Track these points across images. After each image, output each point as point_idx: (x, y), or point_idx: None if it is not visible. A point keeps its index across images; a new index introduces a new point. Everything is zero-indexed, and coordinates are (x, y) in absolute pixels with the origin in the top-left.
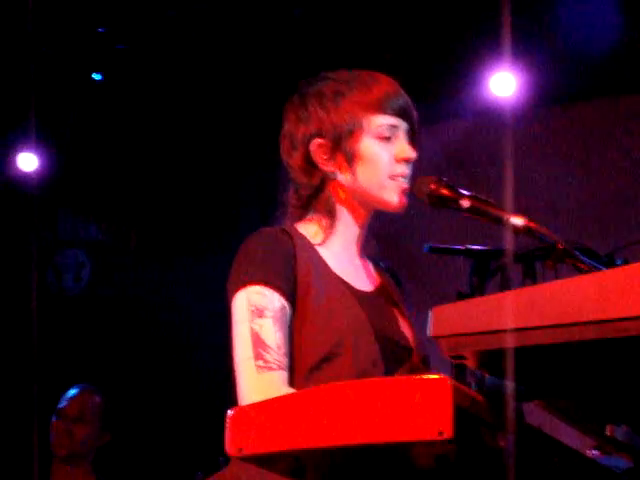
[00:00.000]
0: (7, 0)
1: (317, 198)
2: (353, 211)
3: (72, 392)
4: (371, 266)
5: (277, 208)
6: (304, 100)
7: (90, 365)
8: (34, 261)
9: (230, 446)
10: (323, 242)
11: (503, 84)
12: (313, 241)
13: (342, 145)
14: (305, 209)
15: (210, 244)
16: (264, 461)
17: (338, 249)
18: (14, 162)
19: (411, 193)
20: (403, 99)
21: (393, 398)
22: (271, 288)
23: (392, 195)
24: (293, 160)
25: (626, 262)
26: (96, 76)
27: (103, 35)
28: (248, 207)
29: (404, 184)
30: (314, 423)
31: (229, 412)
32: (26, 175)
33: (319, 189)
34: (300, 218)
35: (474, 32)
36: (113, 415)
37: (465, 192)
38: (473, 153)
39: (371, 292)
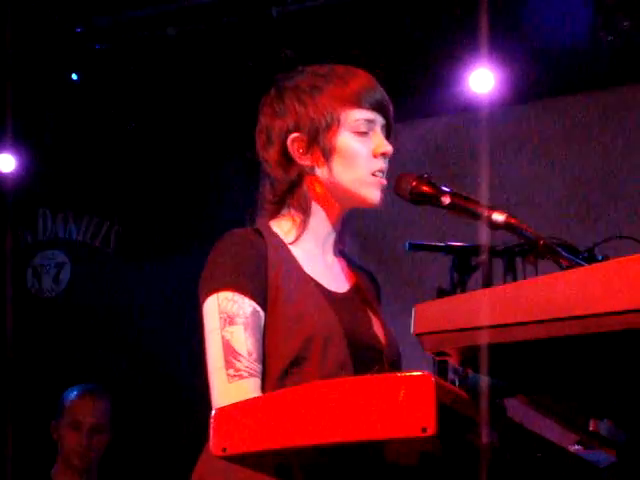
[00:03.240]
0: None
1: (293, 193)
2: (328, 207)
3: (80, 397)
4: (345, 263)
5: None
6: (281, 94)
7: (68, 367)
8: (10, 262)
9: (214, 446)
10: (296, 240)
11: (482, 80)
12: (286, 239)
13: (319, 139)
14: (280, 205)
15: (190, 245)
16: (248, 460)
17: (311, 247)
18: None
19: (391, 190)
20: (380, 93)
21: (376, 395)
22: (242, 293)
23: (372, 191)
24: (269, 154)
25: (606, 258)
26: (74, 76)
27: (81, 35)
28: (230, 207)
29: (383, 180)
30: (298, 421)
31: (212, 412)
32: (4, 176)
33: (295, 184)
34: (274, 215)
35: (452, 29)
36: None
37: (446, 189)
38: (453, 149)
39: (344, 293)
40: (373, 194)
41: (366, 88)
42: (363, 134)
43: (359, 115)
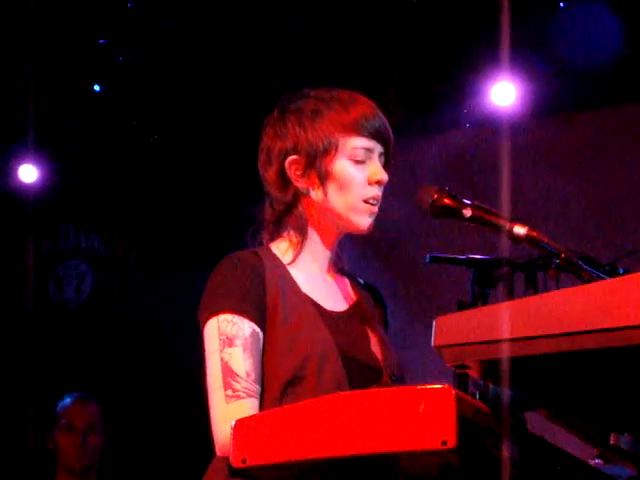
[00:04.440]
0: (7, 10)
1: (290, 214)
2: (324, 229)
3: (72, 402)
4: (347, 282)
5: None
6: (283, 116)
7: (90, 376)
8: (31, 273)
9: (234, 457)
10: (293, 260)
11: (503, 94)
12: (284, 260)
13: (316, 163)
14: (279, 225)
15: (211, 258)
16: (268, 472)
17: (309, 267)
18: (14, 174)
19: (414, 203)
20: (380, 121)
21: (397, 408)
22: (241, 315)
23: (362, 219)
24: (268, 174)
25: (628, 271)
26: (96, 88)
27: (103, 47)
28: (249, 222)
29: (374, 208)
30: (318, 433)
31: (233, 423)
32: (26, 187)
33: (292, 205)
34: (274, 236)
35: (474, 42)
36: (114, 425)
37: (467, 201)
38: (474, 162)
39: (342, 312)
40: (363, 221)
41: (366, 116)
42: (360, 162)
43: (357, 143)
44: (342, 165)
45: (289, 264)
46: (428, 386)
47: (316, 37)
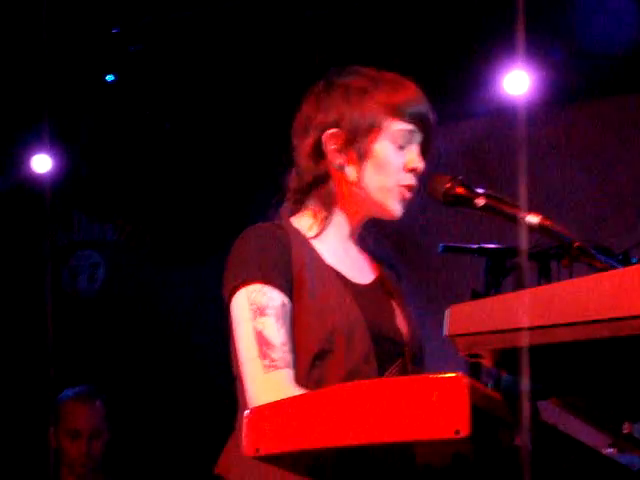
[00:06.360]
0: (20, 1)
1: (318, 188)
2: (351, 209)
3: (75, 403)
4: (369, 258)
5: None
6: (329, 88)
7: (104, 366)
8: (48, 263)
9: (247, 446)
10: (317, 235)
11: (517, 83)
12: (308, 234)
13: (357, 140)
14: (303, 196)
15: (225, 245)
16: (281, 460)
17: (333, 241)
18: (28, 164)
19: (426, 192)
20: (425, 107)
21: (410, 397)
22: (270, 285)
23: (394, 204)
24: (302, 143)
25: None
26: (109, 77)
27: (117, 36)
28: (263, 208)
29: (408, 194)
30: (331, 422)
31: (246, 412)
32: (40, 177)
33: (321, 179)
34: (296, 208)
35: (488, 31)
36: (125, 417)
37: (480, 190)
38: (487, 152)
39: (368, 285)
40: (395, 206)
41: (412, 100)
42: (400, 147)
43: (401, 126)
44: (383, 146)
45: (312, 238)
46: (441, 375)
47: (327, 26)
